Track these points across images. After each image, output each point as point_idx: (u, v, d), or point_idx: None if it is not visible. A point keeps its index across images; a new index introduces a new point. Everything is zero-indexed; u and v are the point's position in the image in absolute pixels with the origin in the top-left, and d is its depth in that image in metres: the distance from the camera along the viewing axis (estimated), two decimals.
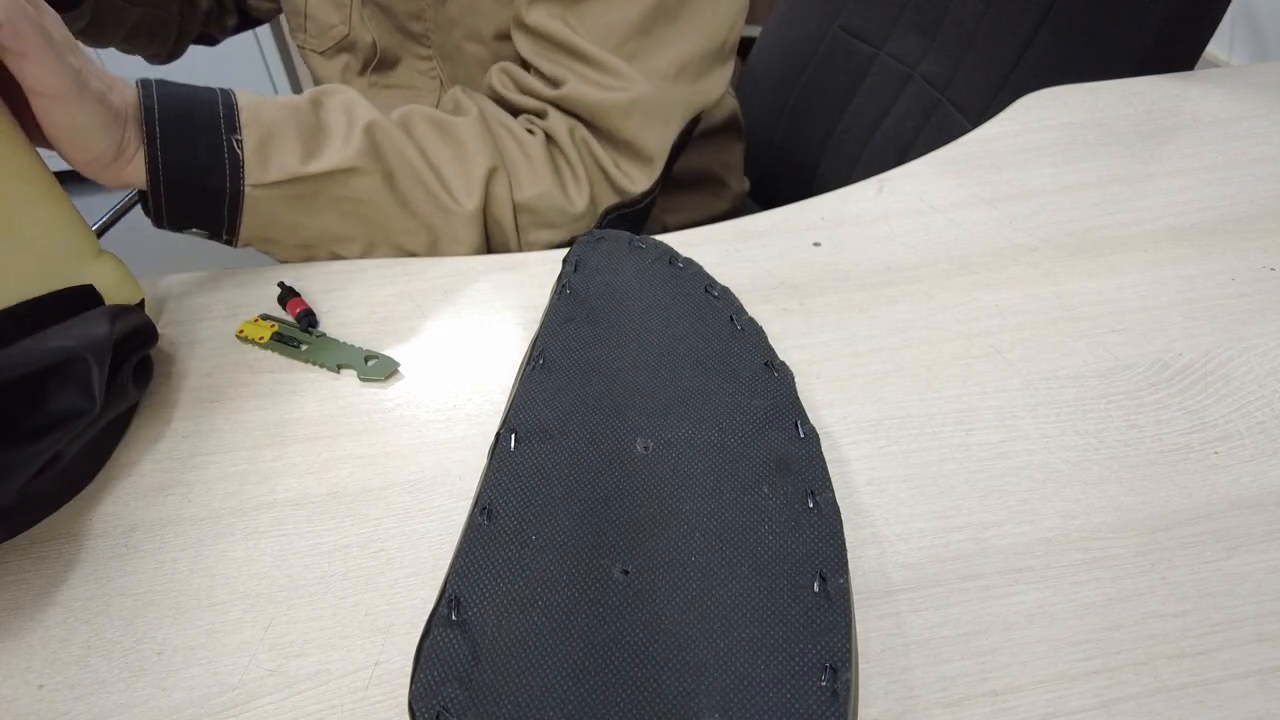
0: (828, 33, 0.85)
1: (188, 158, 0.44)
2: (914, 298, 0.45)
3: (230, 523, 0.36)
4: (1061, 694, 0.28)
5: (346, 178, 0.47)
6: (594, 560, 0.29)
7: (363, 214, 0.49)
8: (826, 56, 0.85)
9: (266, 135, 0.46)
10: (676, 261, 0.43)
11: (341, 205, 0.49)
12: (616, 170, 0.55)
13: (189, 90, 0.45)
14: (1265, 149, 0.55)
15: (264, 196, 0.46)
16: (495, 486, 0.32)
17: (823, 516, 0.30)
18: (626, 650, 0.27)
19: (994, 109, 0.62)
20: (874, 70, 0.80)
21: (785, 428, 0.34)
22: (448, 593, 0.28)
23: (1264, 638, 0.30)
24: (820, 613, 0.27)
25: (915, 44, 0.77)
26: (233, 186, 0.45)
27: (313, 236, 0.49)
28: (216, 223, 0.47)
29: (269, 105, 0.47)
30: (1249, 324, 0.42)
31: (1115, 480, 0.35)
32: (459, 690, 0.26)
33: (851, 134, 0.82)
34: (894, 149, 0.78)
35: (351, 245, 0.51)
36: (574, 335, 0.38)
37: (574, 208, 0.54)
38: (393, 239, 0.51)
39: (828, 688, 0.25)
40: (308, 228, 0.49)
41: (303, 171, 0.46)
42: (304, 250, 0.51)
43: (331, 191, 0.48)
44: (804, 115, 0.87)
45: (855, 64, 0.82)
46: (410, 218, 0.50)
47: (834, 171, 0.84)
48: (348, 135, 0.48)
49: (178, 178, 0.44)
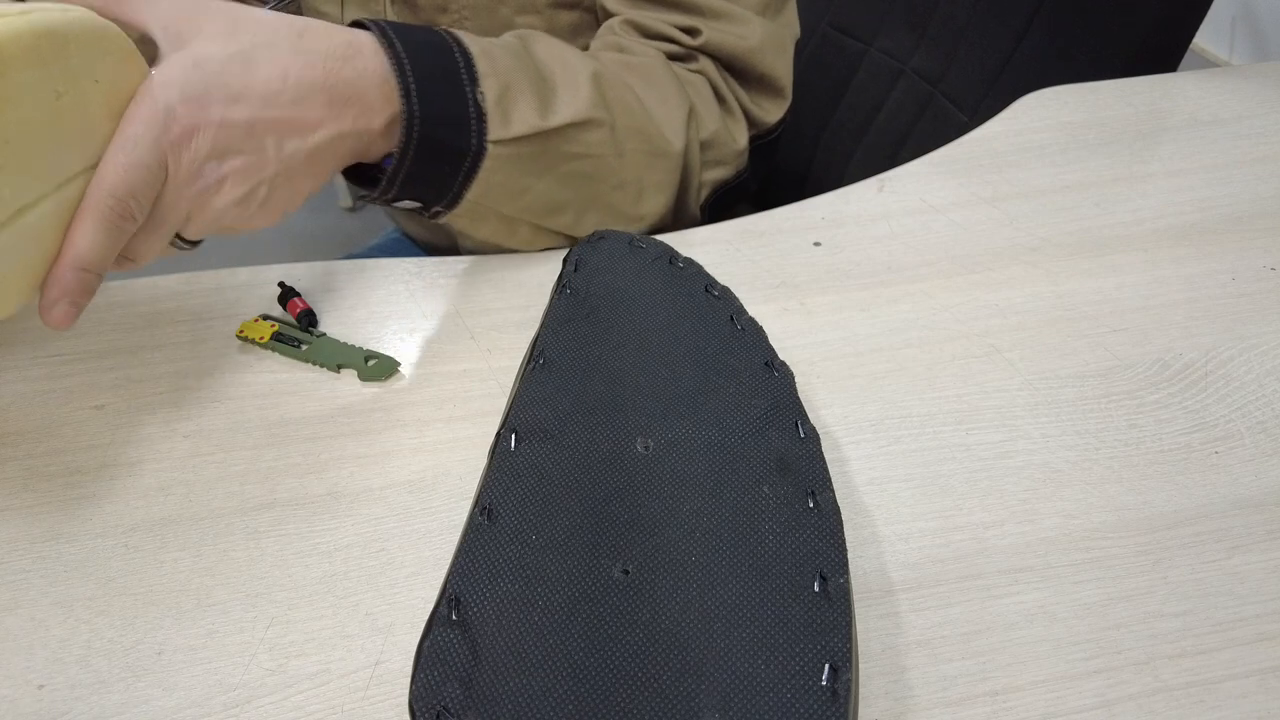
0: (816, 30, 0.85)
1: (439, 111, 0.40)
2: (914, 297, 0.45)
3: (230, 523, 0.36)
4: (1062, 694, 0.28)
5: (578, 132, 0.44)
6: (594, 560, 0.29)
7: (584, 172, 0.46)
8: (816, 54, 0.85)
9: (505, 87, 0.42)
10: (677, 261, 0.43)
11: (568, 164, 0.45)
12: (754, 106, 0.57)
13: (424, 34, 0.41)
14: (1265, 149, 0.55)
15: (503, 155, 0.42)
16: (495, 486, 0.32)
17: (823, 516, 0.30)
18: (627, 650, 0.27)
19: (990, 100, 0.62)
20: (865, 66, 0.81)
21: (785, 427, 0.34)
22: (448, 593, 0.28)
23: (1265, 637, 0.30)
24: (821, 612, 0.27)
25: (906, 39, 0.77)
26: (477, 144, 0.41)
27: (530, 205, 0.46)
28: (444, 189, 0.42)
29: (497, 51, 0.43)
30: (1249, 324, 0.42)
31: (1116, 480, 0.35)
32: (459, 690, 0.26)
33: (845, 130, 0.82)
34: (888, 144, 0.78)
35: (562, 215, 0.48)
36: (574, 335, 0.38)
37: (738, 144, 0.55)
38: (604, 197, 0.48)
39: (828, 687, 0.25)
40: (531, 193, 0.45)
41: (543, 126, 0.42)
42: (507, 228, 0.47)
43: (562, 148, 0.44)
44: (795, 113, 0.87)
45: (846, 60, 0.82)
46: (625, 169, 0.48)
47: (828, 168, 0.84)
48: (575, 84, 0.45)
49: (430, 135, 0.40)
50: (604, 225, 0.49)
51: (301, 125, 0.37)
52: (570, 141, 0.44)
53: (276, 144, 0.36)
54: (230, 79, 0.35)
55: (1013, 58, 0.68)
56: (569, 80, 0.45)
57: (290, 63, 0.36)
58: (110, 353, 0.44)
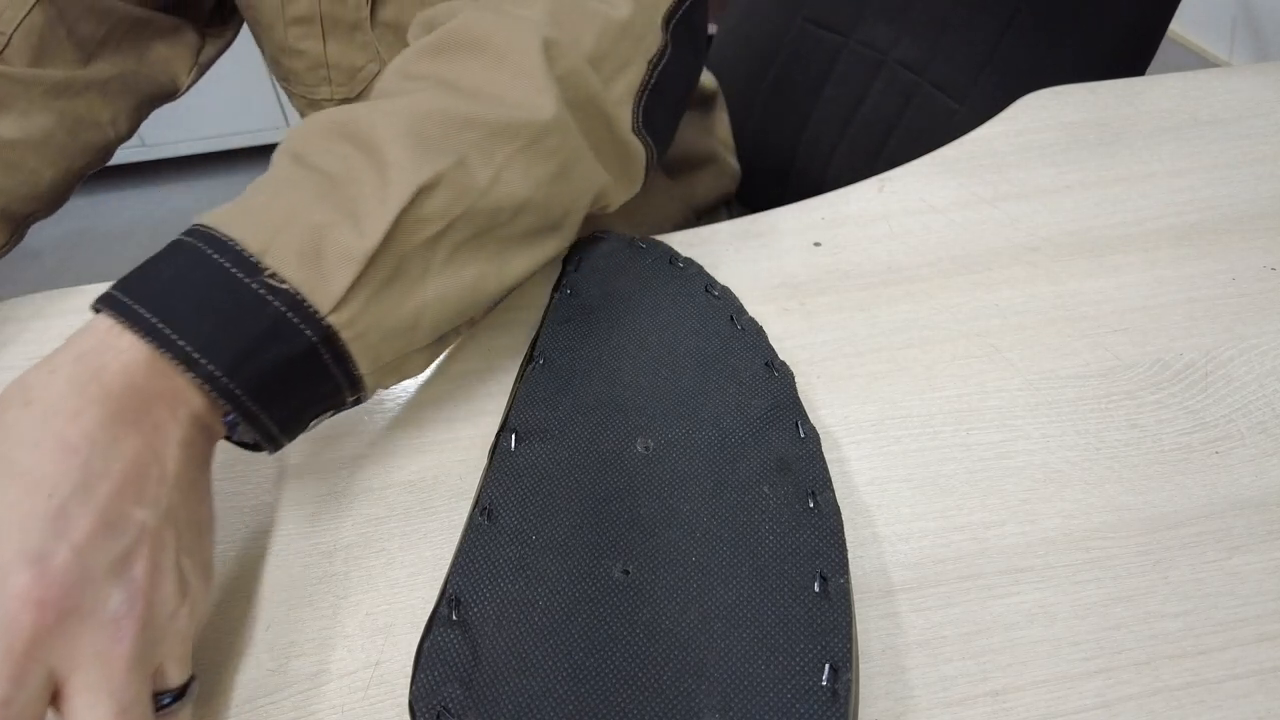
0: (792, 25, 0.85)
1: (235, 340, 0.30)
2: (914, 297, 0.45)
3: (230, 522, 0.36)
4: (1062, 694, 0.28)
5: (419, 208, 0.34)
6: (594, 560, 0.29)
7: (467, 238, 0.36)
8: (793, 49, 0.85)
9: (299, 242, 0.31)
10: (677, 261, 0.43)
11: (439, 249, 0.35)
12: None
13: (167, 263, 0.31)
14: (1265, 149, 0.55)
15: (354, 312, 0.32)
16: (495, 486, 0.32)
17: (823, 516, 0.30)
18: (626, 650, 0.27)
19: (980, 85, 0.61)
20: (843, 59, 0.80)
21: (786, 428, 0.34)
22: (448, 593, 0.28)
23: (1265, 638, 0.30)
24: (821, 613, 0.27)
25: (885, 31, 0.77)
26: (314, 331, 0.31)
27: (443, 314, 0.36)
28: (327, 393, 0.33)
29: (255, 200, 0.33)
30: (1249, 324, 0.42)
31: (1116, 480, 0.35)
32: (459, 690, 0.26)
33: (828, 124, 0.82)
34: (874, 136, 0.78)
35: (484, 284, 0.38)
36: (574, 335, 0.38)
37: (620, 13, 0.42)
38: (516, 232, 0.38)
39: (828, 688, 0.25)
40: (429, 308, 0.35)
41: (369, 246, 0.32)
42: (439, 343, 0.38)
43: (414, 241, 0.34)
44: (775, 110, 0.87)
45: (823, 54, 0.82)
46: (513, 191, 0.37)
47: (811, 160, 0.84)
48: (374, 157, 0.34)
49: (251, 371, 0.30)
50: (558, 255, 0.41)
51: (125, 481, 0.27)
52: (418, 227, 0.34)
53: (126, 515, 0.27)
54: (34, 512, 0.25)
55: (1000, 42, 0.68)
56: (366, 157, 0.34)
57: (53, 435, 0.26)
58: None
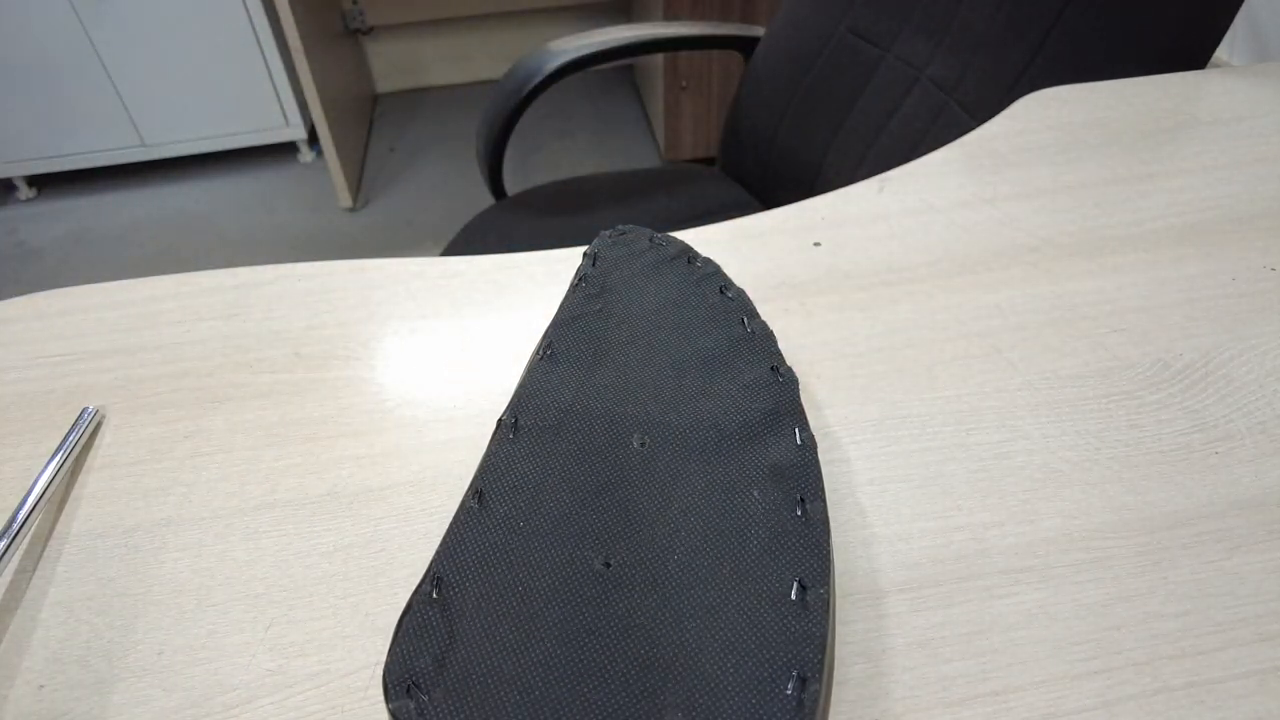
0: (834, 34, 0.85)
1: None
2: (915, 298, 0.45)
3: (230, 523, 0.36)
4: (1062, 694, 0.28)
5: None
6: (577, 550, 0.29)
7: None
8: (833, 58, 0.85)
9: None
10: (695, 260, 0.43)
11: None
12: None
13: None
14: (1265, 149, 0.55)
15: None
16: (489, 472, 0.32)
17: (810, 526, 0.30)
18: (598, 642, 0.27)
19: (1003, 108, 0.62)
20: (881, 72, 0.81)
21: (784, 434, 0.34)
22: (432, 572, 0.28)
23: (1265, 638, 0.30)
24: (796, 621, 0.27)
25: (923, 46, 0.77)
26: None
27: None
28: None
29: None
30: (1249, 324, 0.42)
31: (1116, 480, 0.35)
32: (431, 666, 0.26)
33: (857, 134, 0.82)
34: (900, 150, 0.78)
35: None
36: (584, 329, 0.39)
37: None
38: None
39: (794, 697, 0.25)
40: None
41: None
42: None
43: None
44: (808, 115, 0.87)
45: (862, 65, 0.82)
46: None
47: (838, 172, 0.84)
48: None
49: None
50: None
51: None
52: None
53: None
54: None
55: (1027, 69, 0.68)
56: None
57: None
58: (110, 353, 0.44)
